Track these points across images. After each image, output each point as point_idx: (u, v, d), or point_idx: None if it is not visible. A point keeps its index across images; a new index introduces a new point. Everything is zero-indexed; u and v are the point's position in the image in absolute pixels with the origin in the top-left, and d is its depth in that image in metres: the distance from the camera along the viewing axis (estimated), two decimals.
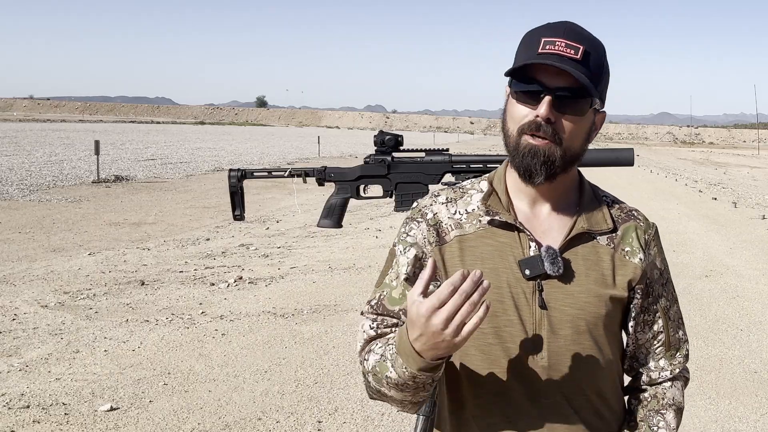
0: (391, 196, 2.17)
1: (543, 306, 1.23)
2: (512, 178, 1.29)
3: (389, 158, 2.15)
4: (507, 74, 1.22)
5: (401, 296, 1.30)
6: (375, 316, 1.32)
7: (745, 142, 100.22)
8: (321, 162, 22.12)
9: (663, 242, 1.42)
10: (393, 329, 1.30)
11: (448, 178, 2.11)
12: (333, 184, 2.22)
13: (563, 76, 1.18)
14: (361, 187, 2.20)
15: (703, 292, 7.03)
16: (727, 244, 10.01)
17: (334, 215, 2.22)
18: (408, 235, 1.33)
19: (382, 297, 1.32)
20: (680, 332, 1.37)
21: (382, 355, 1.22)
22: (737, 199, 16.42)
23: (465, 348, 1.26)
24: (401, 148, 2.17)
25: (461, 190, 1.34)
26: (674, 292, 1.38)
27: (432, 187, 2.15)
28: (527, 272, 1.23)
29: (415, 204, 1.36)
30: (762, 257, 9.09)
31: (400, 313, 1.30)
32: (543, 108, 1.18)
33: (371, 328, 1.30)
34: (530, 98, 1.20)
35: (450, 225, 1.29)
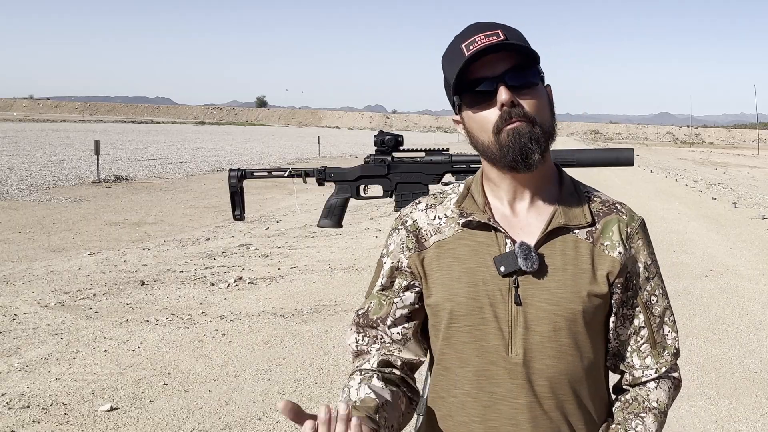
0: (391, 196, 2.17)
1: (518, 302, 1.22)
2: (490, 179, 1.29)
3: (389, 158, 2.15)
4: (455, 92, 1.23)
5: (380, 306, 1.35)
6: (358, 329, 1.37)
7: (745, 142, 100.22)
8: (321, 162, 22.09)
9: (663, 242, 1.41)
10: (372, 346, 1.34)
11: (448, 178, 2.11)
12: (333, 184, 2.22)
13: (503, 61, 1.19)
14: (361, 187, 2.20)
15: (703, 292, 7.03)
16: (727, 244, 10.00)
17: (334, 215, 2.22)
18: (389, 244, 1.36)
19: (369, 308, 1.37)
20: (666, 328, 1.31)
21: None
22: (737, 199, 16.40)
23: (442, 347, 1.29)
24: (401, 148, 2.17)
25: (442, 195, 1.35)
26: (663, 287, 1.32)
27: (432, 187, 2.15)
28: (502, 269, 1.22)
29: (398, 214, 1.38)
30: (762, 257, 9.08)
31: (378, 321, 1.35)
32: (502, 95, 1.18)
33: (355, 342, 1.36)
34: (485, 100, 1.20)
35: (429, 231, 1.31)
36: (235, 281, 7.10)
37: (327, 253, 8.72)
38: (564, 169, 1.35)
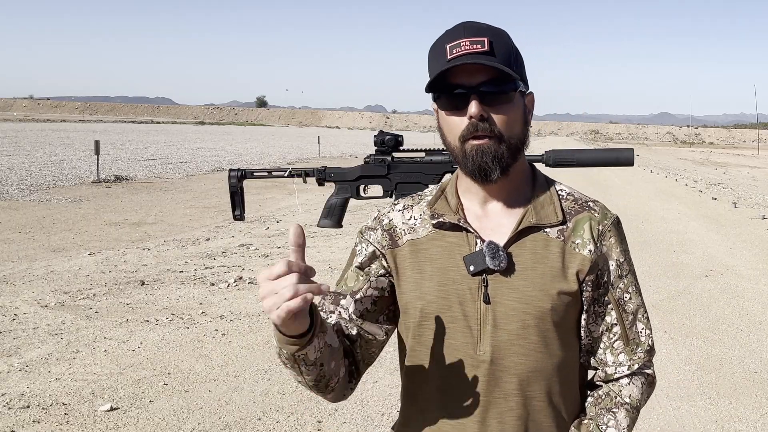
0: (391, 196, 2.17)
1: (487, 301, 1.23)
2: (463, 181, 1.31)
3: (389, 158, 2.15)
4: (428, 90, 1.25)
5: (355, 280, 1.34)
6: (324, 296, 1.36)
7: (745, 142, 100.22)
8: (321, 162, 22.09)
9: (663, 242, 1.41)
10: (331, 314, 1.33)
11: (448, 177, 2.11)
12: (333, 184, 2.22)
13: (481, 72, 1.20)
14: (361, 187, 2.19)
15: (703, 292, 7.03)
16: (727, 244, 10.00)
17: (334, 215, 2.22)
18: (369, 238, 1.37)
19: (345, 278, 1.37)
20: (640, 325, 1.31)
21: None
22: (737, 199, 16.40)
23: (412, 345, 1.30)
24: (401, 148, 2.17)
25: (419, 197, 1.38)
26: (636, 284, 1.33)
27: (432, 188, 2.15)
28: (471, 268, 1.23)
29: (375, 213, 1.39)
30: (762, 257, 9.08)
31: (346, 293, 1.34)
32: (472, 108, 1.19)
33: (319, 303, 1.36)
34: (457, 105, 1.22)
35: (404, 230, 1.33)
36: (235, 281, 7.10)
37: (327, 253, 8.72)
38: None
